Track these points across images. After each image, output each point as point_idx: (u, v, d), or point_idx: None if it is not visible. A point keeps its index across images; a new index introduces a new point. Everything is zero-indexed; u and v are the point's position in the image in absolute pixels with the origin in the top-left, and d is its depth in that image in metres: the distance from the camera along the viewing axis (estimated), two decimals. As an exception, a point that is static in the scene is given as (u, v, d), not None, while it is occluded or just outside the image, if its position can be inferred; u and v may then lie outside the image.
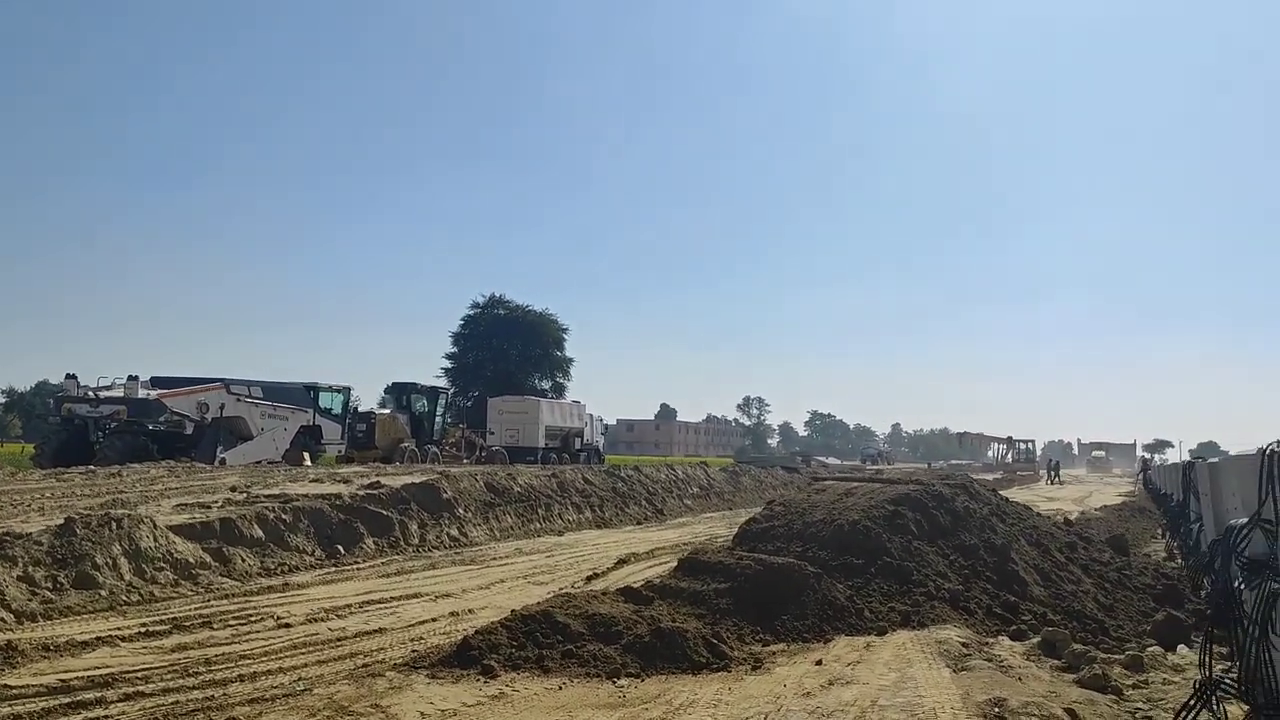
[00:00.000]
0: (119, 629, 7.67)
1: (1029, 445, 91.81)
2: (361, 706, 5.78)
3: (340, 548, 12.16)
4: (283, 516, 11.81)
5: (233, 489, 14.06)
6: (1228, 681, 5.18)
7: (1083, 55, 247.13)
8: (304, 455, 27.16)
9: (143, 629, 7.71)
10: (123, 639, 7.38)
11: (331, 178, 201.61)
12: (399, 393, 35.88)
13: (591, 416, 46.41)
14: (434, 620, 8.56)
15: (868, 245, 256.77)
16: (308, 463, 26.51)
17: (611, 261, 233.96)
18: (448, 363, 70.66)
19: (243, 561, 10.71)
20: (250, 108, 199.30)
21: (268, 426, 26.36)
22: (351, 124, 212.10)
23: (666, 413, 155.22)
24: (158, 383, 24.48)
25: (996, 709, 5.63)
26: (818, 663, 7.00)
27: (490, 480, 17.85)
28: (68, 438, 23.00)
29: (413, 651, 7.29)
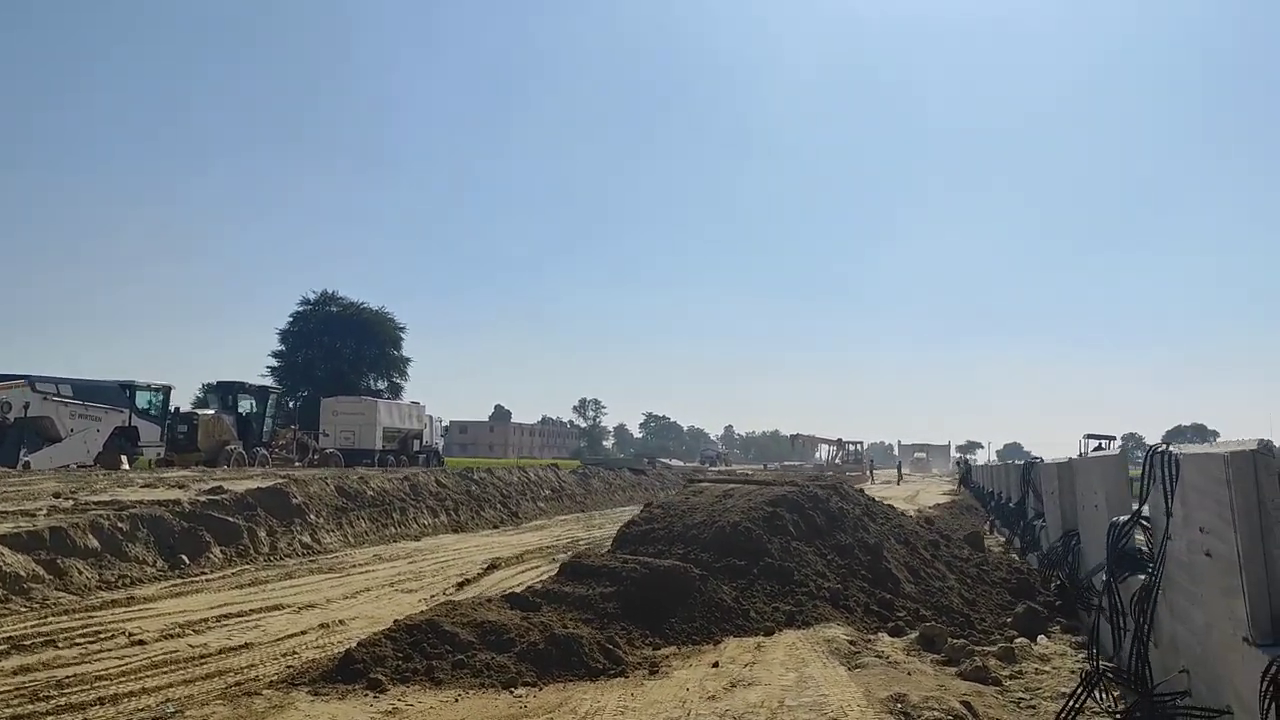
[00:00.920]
0: (-54, 653, 6.91)
1: (858, 447, 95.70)
2: (243, 728, 5.39)
3: (184, 557, 11.36)
4: (119, 525, 10.92)
5: (56, 495, 12.93)
6: (1111, 672, 5.49)
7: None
8: (121, 458, 25.49)
9: (-25, 651, 6.97)
10: (-47, 663, 6.65)
11: (141, 162, 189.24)
12: (224, 392, 34.06)
13: (431, 418, 45.55)
14: (303, 633, 8.09)
15: (705, 251, 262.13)
16: (125, 466, 24.90)
17: (444, 260, 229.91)
18: (275, 361, 67.90)
19: (80, 574, 9.85)
20: (60, 88, 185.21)
21: (78, 427, 24.61)
22: (164, 109, 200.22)
23: (501, 414, 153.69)
24: None
25: (899, 704, 5.74)
26: (714, 665, 6.98)
27: (342, 485, 17.14)
28: None
29: (288, 667, 6.85)
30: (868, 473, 70.94)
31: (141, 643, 7.45)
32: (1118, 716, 5.17)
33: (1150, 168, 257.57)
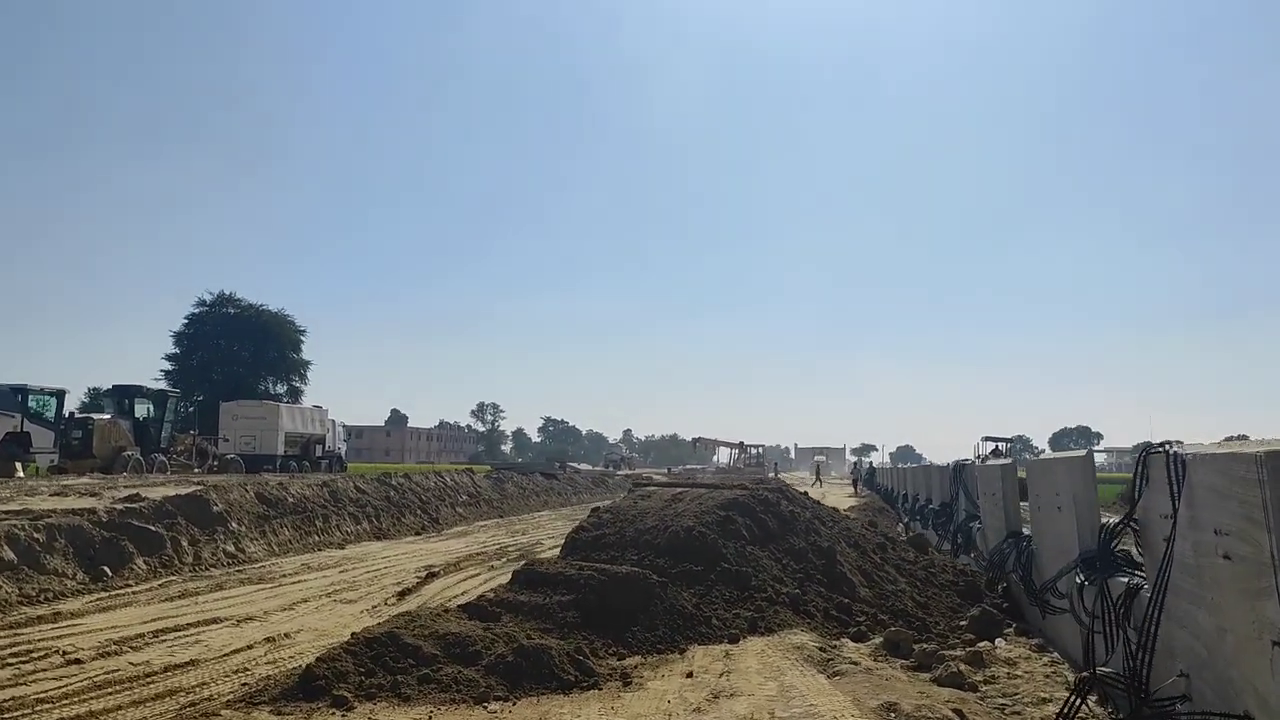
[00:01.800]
0: None
1: (759, 450, 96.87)
2: (206, 753, 4.95)
3: (107, 569, 10.64)
4: (35, 535, 10.15)
5: (-44, 505, 12.00)
6: (1112, 677, 5.43)
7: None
8: (14, 465, 24.12)
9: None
10: None
11: (22, 161, 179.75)
12: (120, 396, 32.61)
13: (334, 422, 44.52)
14: (250, 648, 7.59)
15: (601, 253, 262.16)
16: (20, 474, 23.57)
17: (336, 262, 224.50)
18: (169, 365, 65.36)
19: (-1, 588, 9.10)
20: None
21: None
22: (56, 108, 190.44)
23: (397, 419, 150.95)
24: None
25: (892, 713, 5.62)
26: (688, 675, 6.77)
27: (261, 491, 16.38)
28: None
29: (243, 685, 6.39)
30: (772, 475, 71.85)
31: (78, 661, 6.91)
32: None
33: (1021, 174, 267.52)
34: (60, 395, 27.50)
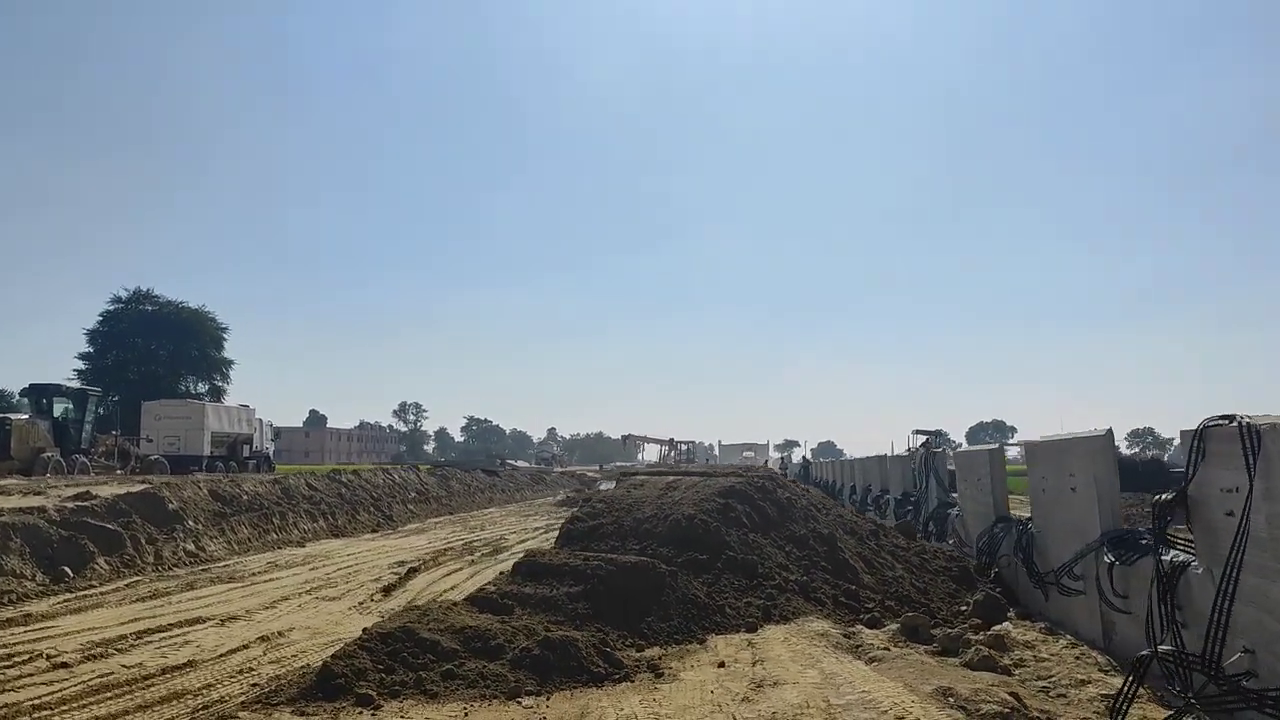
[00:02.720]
0: None
1: (689, 446, 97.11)
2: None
3: (67, 569, 10.05)
4: (-10, 535, 9.49)
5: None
6: (1176, 655, 5.35)
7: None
8: None
9: None
10: None
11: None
12: (38, 395, 31.15)
13: (261, 422, 43.35)
14: (245, 648, 7.18)
15: (515, 252, 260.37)
16: None
17: (254, 261, 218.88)
18: (82, 364, 62.93)
19: (-45, 591, 8.48)
20: None
21: None
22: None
23: (316, 419, 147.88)
24: None
25: (951, 698, 5.47)
26: (720, 665, 6.56)
27: (215, 488, 15.75)
28: None
29: (252, 685, 6.01)
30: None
31: (65, 665, 6.45)
32: (1190, 698, 5.03)
33: (944, 167, 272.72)
34: None
